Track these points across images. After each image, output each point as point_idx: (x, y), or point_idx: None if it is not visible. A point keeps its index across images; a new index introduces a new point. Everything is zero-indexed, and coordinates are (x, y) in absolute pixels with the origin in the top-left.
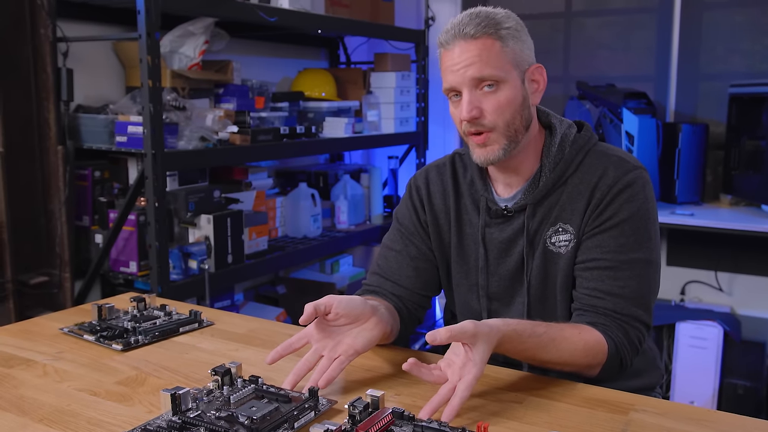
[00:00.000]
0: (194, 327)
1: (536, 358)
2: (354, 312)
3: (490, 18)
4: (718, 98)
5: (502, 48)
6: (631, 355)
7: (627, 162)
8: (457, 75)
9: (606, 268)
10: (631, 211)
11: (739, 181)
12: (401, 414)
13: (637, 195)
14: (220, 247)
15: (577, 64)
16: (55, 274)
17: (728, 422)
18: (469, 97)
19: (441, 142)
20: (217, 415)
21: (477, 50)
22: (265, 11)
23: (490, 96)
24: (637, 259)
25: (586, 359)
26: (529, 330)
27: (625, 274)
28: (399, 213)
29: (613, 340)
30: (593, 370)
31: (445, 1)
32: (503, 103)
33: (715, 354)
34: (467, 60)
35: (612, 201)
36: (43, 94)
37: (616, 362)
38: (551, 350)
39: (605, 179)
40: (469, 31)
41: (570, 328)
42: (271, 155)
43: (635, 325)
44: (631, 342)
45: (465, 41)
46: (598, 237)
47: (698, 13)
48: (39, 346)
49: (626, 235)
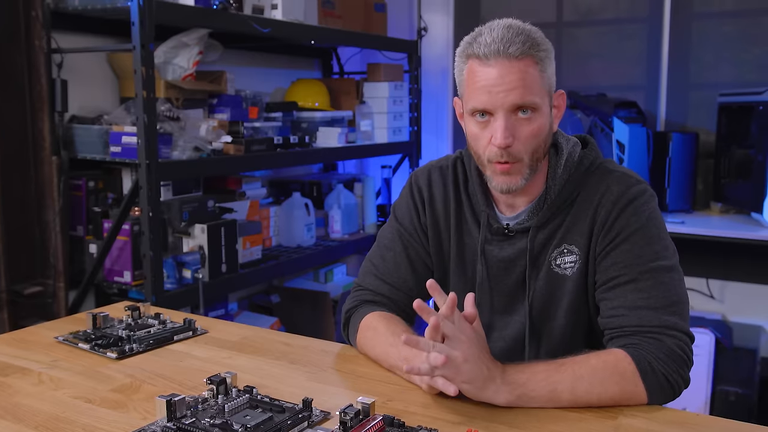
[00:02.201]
0: (188, 335)
1: (561, 396)
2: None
3: (531, 37)
4: (708, 107)
5: (541, 73)
6: (676, 368)
7: (630, 177)
8: (496, 98)
9: (626, 283)
10: (640, 223)
11: (729, 189)
12: (392, 421)
13: (642, 208)
14: (214, 257)
15: (568, 74)
16: (49, 284)
17: (715, 426)
18: (505, 123)
19: (434, 152)
20: (211, 422)
21: (520, 73)
22: (259, 22)
23: (524, 123)
24: (657, 267)
25: (615, 383)
26: (539, 361)
27: (648, 284)
28: (398, 210)
29: (644, 356)
30: (636, 393)
31: (438, 12)
32: (536, 132)
33: (707, 361)
34: (510, 83)
35: (618, 216)
36: (37, 105)
37: (658, 380)
38: (574, 379)
39: (608, 196)
40: (513, 52)
41: (587, 355)
42: (264, 165)
43: (671, 334)
44: (671, 353)
45: (508, 61)
46: (612, 255)
47: (687, 22)
48: (34, 355)
49: (640, 245)
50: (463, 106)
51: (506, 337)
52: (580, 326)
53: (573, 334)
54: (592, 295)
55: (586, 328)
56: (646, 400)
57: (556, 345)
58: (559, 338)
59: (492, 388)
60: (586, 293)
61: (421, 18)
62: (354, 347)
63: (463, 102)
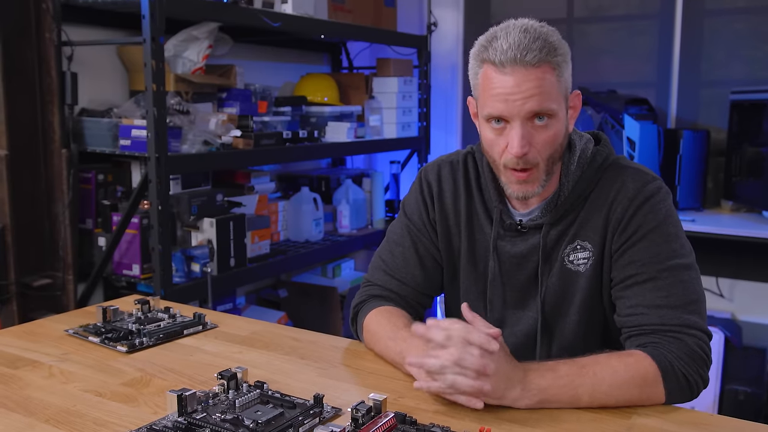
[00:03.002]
0: (198, 329)
1: (581, 399)
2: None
3: (548, 42)
4: (719, 105)
5: (558, 79)
6: (696, 368)
7: (645, 174)
8: (513, 106)
9: (645, 281)
10: (657, 220)
11: (740, 187)
12: (403, 418)
13: (659, 205)
14: (222, 251)
15: (579, 71)
16: (58, 277)
17: (728, 426)
18: (522, 131)
19: (443, 147)
20: (222, 417)
21: (537, 81)
22: (269, 16)
23: (541, 130)
24: (675, 265)
25: (636, 385)
26: (560, 362)
27: (667, 283)
28: (407, 205)
29: (665, 356)
30: (655, 395)
31: (448, 8)
32: (552, 138)
33: (717, 360)
34: (527, 91)
35: (635, 214)
36: (47, 98)
37: (678, 380)
38: (595, 383)
39: (624, 192)
40: (530, 59)
41: (608, 355)
42: (273, 159)
43: (691, 333)
44: (692, 353)
45: (525, 69)
46: (629, 252)
47: (699, 19)
48: (44, 348)
49: (657, 243)
50: (478, 109)
51: (518, 332)
52: (593, 323)
53: (586, 330)
54: (607, 291)
55: (599, 325)
56: (664, 401)
57: (568, 341)
58: (572, 335)
59: (513, 395)
60: (600, 290)
61: (431, 13)
62: (362, 342)
63: (477, 104)
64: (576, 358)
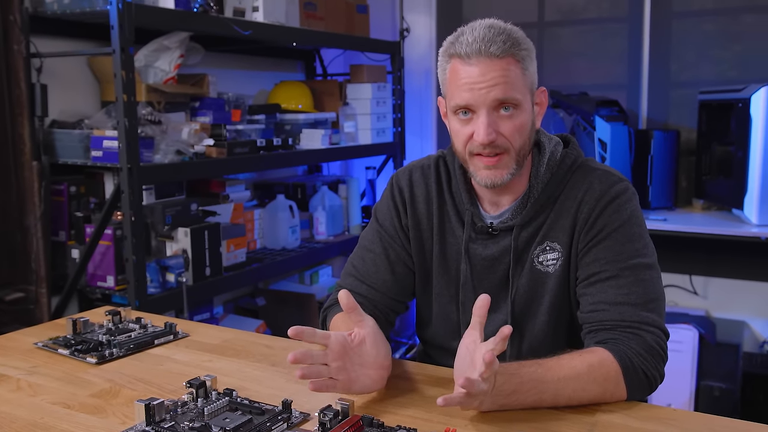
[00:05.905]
0: (169, 339)
1: (544, 401)
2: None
3: (512, 36)
4: (688, 105)
5: (522, 72)
6: (654, 363)
7: (612, 175)
8: (478, 95)
9: (607, 279)
10: (621, 220)
11: (710, 186)
12: (371, 421)
13: (624, 205)
14: (197, 260)
15: (550, 73)
16: (31, 290)
17: (693, 420)
18: (487, 120)
19: (418, 152)
20: (190, 425)
21: (501, 71)
22: (240, 25)
23: (506, 119)
24: (637, 264)
25: (599, 384)
26: (524, 365)
27: (628, 281)
28: (379, 211)
29: (626, 352)
30: (617, 392)
31: (420, 13)
32: (519, 128)
33: (691, 357)
34: (491, 80)
35: (601, 214)
36: (17, 110)
37: (638, 376)
38: (559, 387)
39: (591, 193)
40: (494, 51)
41: (571, 356)
42: (248, 168)
43: (649, 330)
44: (650, 349)
45: (490, 59)
46: (593, 251)
47: (667, 21)
48: (13, 361)
49: (621, 242)
50: (447, 105)
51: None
52: (562, 323)
53: (554, 331)
54: (574, 291)
55: (567, 325)
56: (625, 397)
57: (537, 342)
58: (541, 335)
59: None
60: (569, 290)
61: (404, 19)
62: None
63: (446, 101)
64: (540, 360)
